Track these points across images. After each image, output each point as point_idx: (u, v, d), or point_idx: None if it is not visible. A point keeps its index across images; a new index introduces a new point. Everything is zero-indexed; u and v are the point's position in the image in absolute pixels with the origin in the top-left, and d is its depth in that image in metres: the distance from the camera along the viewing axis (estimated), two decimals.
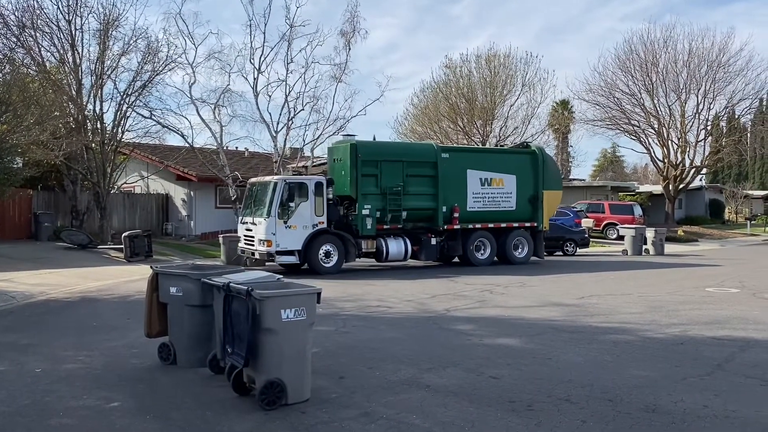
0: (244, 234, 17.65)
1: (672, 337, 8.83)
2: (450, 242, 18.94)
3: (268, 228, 16.46)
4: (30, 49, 22.54)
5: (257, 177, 19.78)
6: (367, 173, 17.76)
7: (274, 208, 16.45)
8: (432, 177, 18.67)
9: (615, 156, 72.23)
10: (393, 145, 19.99)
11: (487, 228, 19.53)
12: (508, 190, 20.00)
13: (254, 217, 17.08)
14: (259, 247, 16.69)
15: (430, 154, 19.09)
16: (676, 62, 39.61)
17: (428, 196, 18.57)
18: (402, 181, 18.06)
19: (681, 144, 41.06)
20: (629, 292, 13.60)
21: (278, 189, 16.60)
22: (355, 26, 27.38)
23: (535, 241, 20.54)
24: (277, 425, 5.29)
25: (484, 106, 37.95)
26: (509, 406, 5.80)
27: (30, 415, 5.61)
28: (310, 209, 16.91)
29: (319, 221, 17.01)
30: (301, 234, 16.74)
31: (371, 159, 17.84)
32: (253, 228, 17.00)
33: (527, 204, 20.23)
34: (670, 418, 5.47)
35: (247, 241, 17.41)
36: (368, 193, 17.67)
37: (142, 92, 24.95)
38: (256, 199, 17.54)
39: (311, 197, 16.93)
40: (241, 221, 17.92)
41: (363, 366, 7.22)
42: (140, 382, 6.66)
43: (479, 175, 19.57)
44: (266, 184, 17.29)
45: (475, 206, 19.39)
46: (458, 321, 10.17)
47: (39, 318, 10.69)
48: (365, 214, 17.46)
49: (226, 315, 6.03)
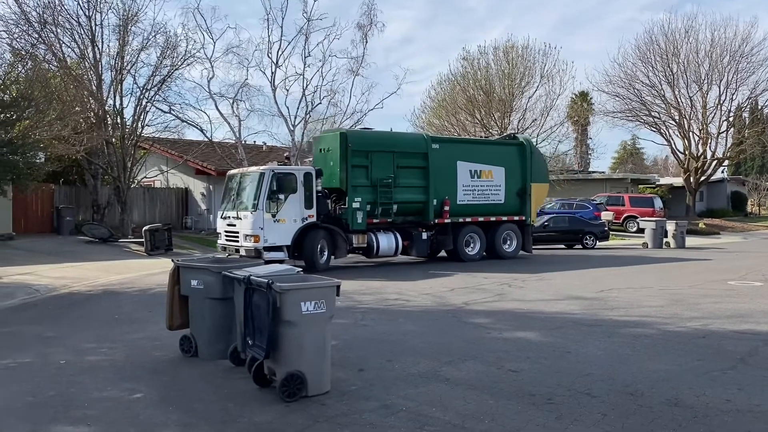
0: (225, 230, 16.37)
1: (693, 331, 8.74)
2: (440, 236, 18.14)
3: (255, 222, 15.24)
4: (51, 45, 22.79)
5: (239, 168, 18.60)
6: (358, 164, 16.76)
7: (262, 201, 15.24)
8: (423, 168, 17.83)
9: (635, 148, 71.40)
10: (383, 135, 19.14)
11: (477, 222, 18.80)
12: (497, 182, 19.31)
13: (238, 210, 15.86)
14: (244, 242, 15.41)
15: (421, 144, 18.20)
16: (698, 52, 39.08)
17: (419, 189, 17.76)
18: (393, 172, 17.17)
19: (702, 135, 40.52)
20: (649, 285, 13.48)
21: (266, 180, 15.36)
22: (372, 19, 27.44)
23: (524, 235, 19.84)
24: (298, 417, 5.33)
25: (502, 98, 37.72)
26: (529, 399, 5.78)
27: (55, 405, 5.71)
28: (300, 202, 15.76)
29: (308, 215, 15.88)
30: (290, 228, 15.60)
31: (361, 149, 16.83)
32: (237, 223, 15.74)
33: (515, 197, 19.62)
34: (692, 412, 5.42)
35: (230, 237, 16.12)
36: (358, 186, 16.69)
37: (161, 87, 25.21)
38: (240, 191, 16.33)
39: (300, 189, 15.78)
40: (222, 216, 16.59)
41: (382, 358, 7.24)
42: (162, 374, 6.75)
43: (469, 167, 18.78)
44: (252, 175, 16.10)
45: (464, 199, 18.62)
46: (477, 314, 10.15)
47: (62, 310, 10.85)
48: (356, 208, 16.45)
49: (246, 308, 6.08)
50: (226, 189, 17.05)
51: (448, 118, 40.01)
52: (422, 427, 5.09)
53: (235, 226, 15.82)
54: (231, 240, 15.99)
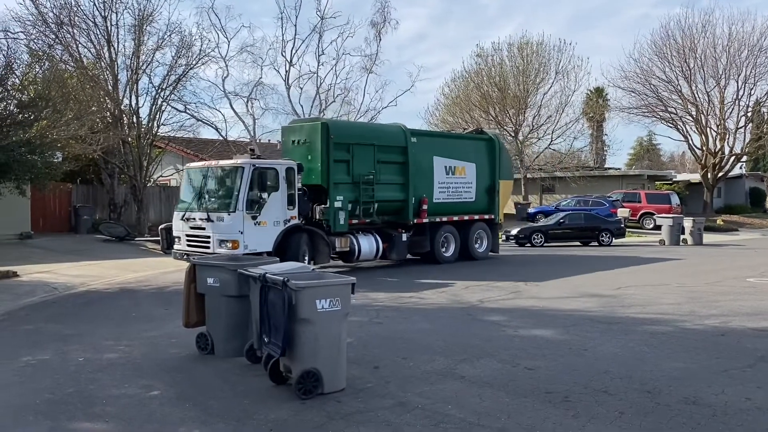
0: (187, 234, 13.90)
1: (712, 329, 8.65)
2: (416, 237, 16.59)
3: (233, 225, 13.08)
4: (68, 46, 23.01)
5: (206, 161, 16.57)
6: (339, 159, 14.97)
7: (242, 200, 13.15)
8: (402, 164, 16.28)
9: (651, 144, 70.70)
10: (364, 126, 17.46)
11: (452, 221, 17.53)
12: (469, 179, 18.03)
13: (208, 211, 13.53)
14: (218, 249, 13.12)
15: (400, 137, 16.49)
16: (715, 47, 38.59)
17: (398, 186, 16.19)
18: (373, 168, 15.54)
19: (720, 131, 40.05)
20: (667, 282, 13.36)
21: (245, 176, 13.33)
22: (385, 16, 27.49)
23: (493, 235, 18.73)
24: (314, 414, 5.35)
25: (517, 95, 37.58)
26: (545, 397, 5.76)
27: (74, 402, 5.77)
28: (282, 201, 13.80)
29: (291, 216, 13.94)
30: (271, 232, 13.54)
31: (343, 142, 15.04)
32: (208, 226, 13.39)
33: (485, 195, 18.47)
34: (711, 410, 5.37)
35: (195, 243, 13.71)
36: (340, 183, 14.94)
37: (177, 86, 25.37)
38: (210, 189, 14.24)
39: (282, 186, 13.82)
40: (182, 217, 14.06)
41: (397, 356, 7.24)
42: (179, 372, 6.80)
43: (444, 163, 17.37)
44: (227, 170, 14.02)
45: (440, 197, 17.18)
46: (492, 312, 10.12)
47: (80, 308, 10.96)
48: (338, 207, 14.67)
49: (262, 305, 6.11)
50: (186, 185, 14.94)
51: (462, 115, 39.91)
52: (438, 425, 5.08)
53: (204, 229, 13.45)
54: (197, 246, 13.61)
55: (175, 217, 14.41)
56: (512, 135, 38.48)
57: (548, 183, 39.81)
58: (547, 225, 24.25)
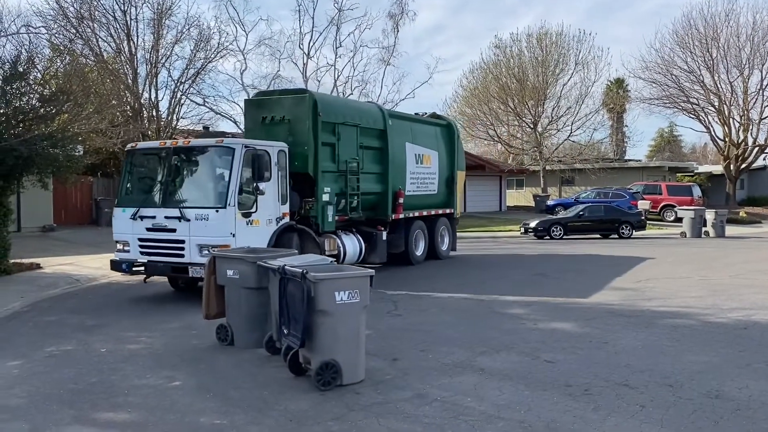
0: (146, 238, 10.60)
1: (735, 322, 8.54)
2: (391, 235, 14.30)
3: (223, 225, 9.97)
4: (88, 40, 23.26)
5: (173, 139, 12.83)
6: (326, 142, 12.36)
7: (233, 193, 10.08)
8: (380, 150, 14.03)
9: (672, 135, 69.78)
10: (347, 103, 14.97)
11: (422, 217, 15.44)
12: (433, 169, 16.07)
13: (181, 207, 10.26)
14: (198, 257, 9.98)
15: (379, 119, 14.08)
16: (739, 36, 37.94)
17: (378, 176, 13.96)
18: (356, 154, 13.21)
19: (743, 122, 39.42)
20: (688, 275, 13.21)
21: (237, 160, 10.23)
22: (403, 8, 27.36)
23: (453, 231, 16.96)
24: (333, 405, 5.37)
25: (536, 86, 37.31)
26: (565, 390, 5.72)
27: (97, 392, 5.85)
28: (274, 194, 10.93)
29: (283, 212, 11.15)
30: (264, 233, 10.65)
31: (330, 121, 12.44)
32: (182, 227, 10.16)
33: (445, 187, 16.58)
34: (734, 404, 5.30)
35: (156, 249, 10.51)
36: (327, 171, 12.36)
37: (195, 80, 25.57)
38: (181, 177, 10.91)
39: (275, 174, 10.95)
40: (135, 216, 10.62)
41: (416, 348, 7.24)
42: (200, 363, 6.86)
43: (415, 151, 15.26)
44: (208, 151, 10.85)
45: (411, 189, 15.03)
46: (511, 305, 10.07)
47: (102, 300, 11.09)
48: (326, 201, 12.19)
49: (281, 297, 6.14)
50: (135, 172, 11.57)
51: (480, 106, 39.73)
52: (457, 417, 5.08)
53: (174, 231, 10.28)
54: (163, 253, 10.44)
55: (119, 215, 10.97)
56: (531, 127, 38.23)
57: (567, 175, 39.52)
58: (566, 217, 24.06)
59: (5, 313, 9.67)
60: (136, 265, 10.74)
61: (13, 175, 12.89)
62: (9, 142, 11.90)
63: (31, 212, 20.84)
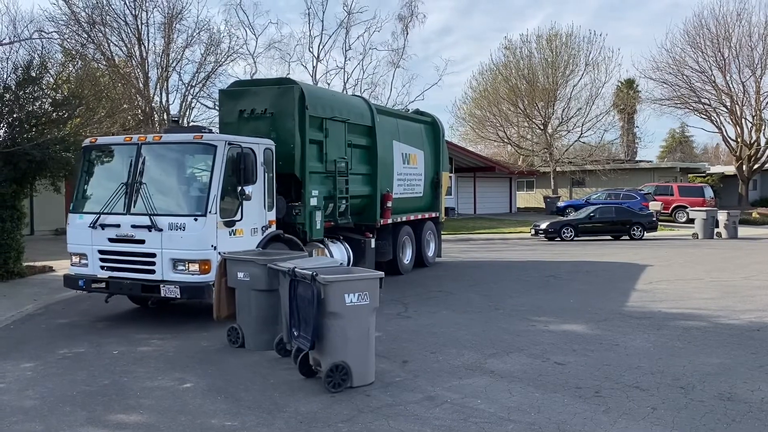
0: (108, 250, 8.99)
1: (747, 324, 8.48)
2: (378, 242, 13.03)
3: (203, 237, 8.45)
4: (100, 45, 23.44)
5: (137, 134, 10.60)
6: (314, 139, 11.04)
7: (214, 198, 8.57)
8: (368, 149, 12.84)
9: (684, 136, 69.37)
10: (334, 96, 13.59)
11: (409, 221, 14.36)
12: (419, 170, 14.97)
13: (151, 214, 8.60)
14: (172, 274, 8.51)
15: (366, 115, 12.88)
16: (751, 36, 37.66)
17: (365, 177, 12.76)
18: (345, 152, 11.96)
19: (756, 122, 39.10)
20: (700, 276, 13.13)
21: (219, 160, 8.73)
22: (413, 10, 27.38)
23: (438, 236, 15.86)
24: (343, 407, 5.38)
25: (546, 87, 37.21)
26: (576, 392, 5.71)
27: (109, 394, 5.89)
28: (260, 198, 9.51)
29: (269, 220, 9.80)
30: (248, 245, 9.05)
31: (318, 115, 11.14)
32: (150, 237, 8.59)
33: (431, 189, 15.51)
34: (746, 406, 5.27)
35: (121, 263, 8.94)
36: (314, 172, 11.05)
37: (206, 83, 25.70)
38: (150, 178, 8.96)
39: (261, 176, 9.50)
40: (94, 223, 9.00)
41: (426, 350, 7.24)
42: (211, 364, 6.89)
43: (402, 149, 14.07)
44: (180, 147, 9.28)
45: (398, 192, 13.85)
46: (521, 307, 10.05)
47: (114, 302, 11.14)
48: (314, 206, 10.84)
49: (291, 299, 6.17)
50: (95, 172, 9.79)
51: (490, 108, 39.68)
52: (467, 419, 5.08)
53: (143, 242, 8.69)
54: (130, 269, 8.89)
55: (74, 223, 9.34)
56: (541, 128, 38.13)
57: (578, 176, 39.37)
58: (577, 219, 23.96)
59: (18, 315, 9.76)
60: (95, 281, 9.11)
61: (27, 179, 13.02)
62: (22, 146, 12.02)
63: (43, 215, 21.02)
